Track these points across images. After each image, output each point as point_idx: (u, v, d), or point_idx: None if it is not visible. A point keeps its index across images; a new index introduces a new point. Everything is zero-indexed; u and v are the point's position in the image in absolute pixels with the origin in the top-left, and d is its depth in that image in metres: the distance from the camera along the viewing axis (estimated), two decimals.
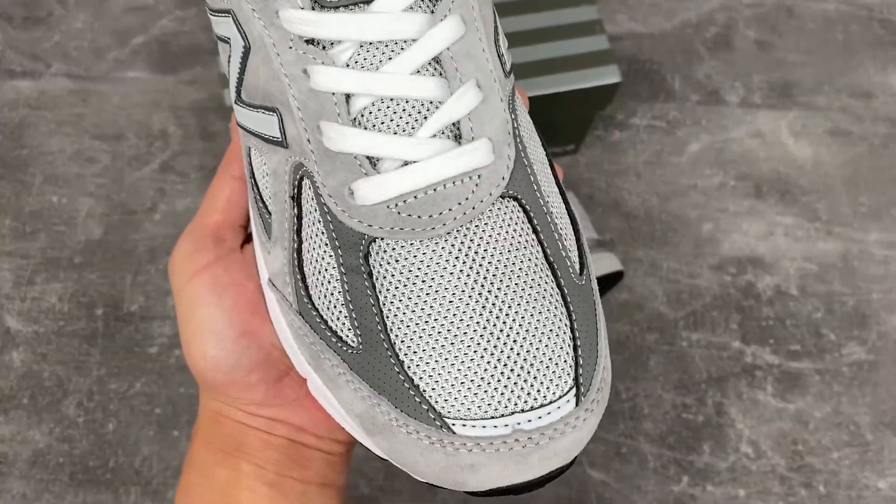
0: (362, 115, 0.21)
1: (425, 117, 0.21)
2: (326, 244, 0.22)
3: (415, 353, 0.21)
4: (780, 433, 0.54)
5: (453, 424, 0.20)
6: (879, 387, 0.55)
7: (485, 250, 0.21)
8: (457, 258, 0.21)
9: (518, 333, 0.21)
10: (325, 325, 0.22)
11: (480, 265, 0.21)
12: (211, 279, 0.27)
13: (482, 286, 0.21)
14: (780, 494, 0.52)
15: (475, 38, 0.22)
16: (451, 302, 0.21)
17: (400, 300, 0.21)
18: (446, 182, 0.21)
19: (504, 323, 0.21)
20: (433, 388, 0.21)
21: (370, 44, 0.21)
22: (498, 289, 0.21)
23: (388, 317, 0.21)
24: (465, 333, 0.21)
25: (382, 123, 0.21)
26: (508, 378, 0.20)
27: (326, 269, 0.22)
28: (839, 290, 0.59)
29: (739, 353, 0.56)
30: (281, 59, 0.21)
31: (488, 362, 0.21)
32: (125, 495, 0.50)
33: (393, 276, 0.21)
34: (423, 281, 0.21)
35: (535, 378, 0.21)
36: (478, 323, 0.21)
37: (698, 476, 0.53)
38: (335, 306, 0.22)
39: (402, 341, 0.21)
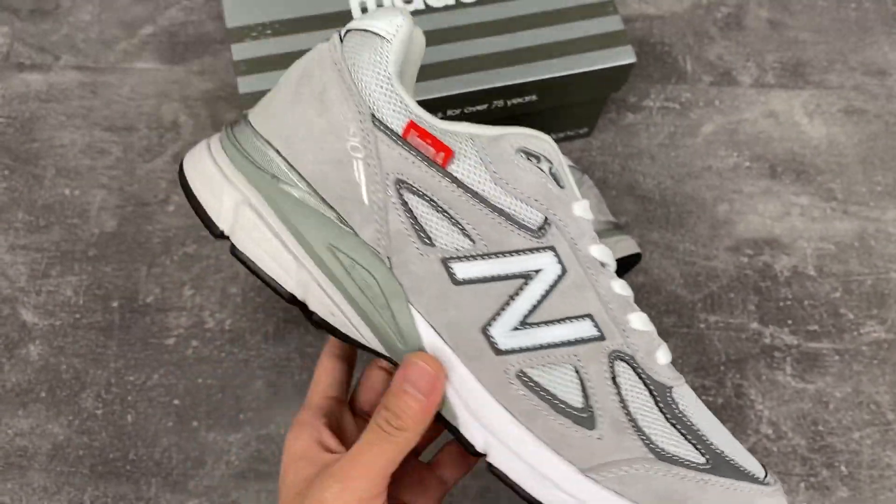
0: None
1: None
2: (648, 399, 0.33)
3: (727, 449, 0.34)
4: (801, 414, 0.54)
5: (765, 482, 0.33)
6: None
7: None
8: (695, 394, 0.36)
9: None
10: (678, 459, 0.32)
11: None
12: None
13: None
14: (802, 475, 0.52)
15: None
16: (714, 419, 0.34)
17: (704, 425, 0.34)
18: None
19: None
20: (745, 467, 0.33)
21: None
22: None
23: (708, 440, 0.33)
24: (728, 434, 0.34)
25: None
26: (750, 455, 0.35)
27: (656, 420, 0.33)
28: (857, 270, 0.58)
29: (758, 335, 0.56)
30: (595, 279, 0.33)
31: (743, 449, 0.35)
32: (146, 486, 0.50)
33: (693, 411, 0.34)
34: (700, 409, 0.34)
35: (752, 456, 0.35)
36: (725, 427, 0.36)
37: None
38: (677, 441, 0.33)
39: (718, 445, 0.33)
